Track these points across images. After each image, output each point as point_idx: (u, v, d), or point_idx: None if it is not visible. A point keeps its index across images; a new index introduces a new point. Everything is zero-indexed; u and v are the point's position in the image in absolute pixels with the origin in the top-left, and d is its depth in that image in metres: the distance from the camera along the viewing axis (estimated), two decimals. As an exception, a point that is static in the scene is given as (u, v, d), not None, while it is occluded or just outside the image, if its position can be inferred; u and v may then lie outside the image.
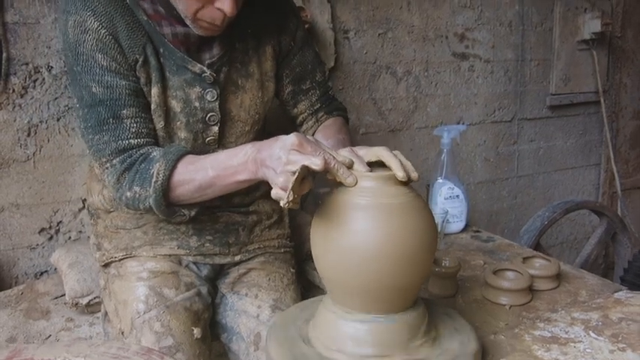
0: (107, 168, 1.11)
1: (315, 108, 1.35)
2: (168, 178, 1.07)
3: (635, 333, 1.10)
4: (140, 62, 1.11)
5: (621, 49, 2.67)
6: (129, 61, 1.11)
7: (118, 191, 1.12)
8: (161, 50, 1.13)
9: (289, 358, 0.92)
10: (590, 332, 1.11)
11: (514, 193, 2.52)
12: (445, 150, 1.75)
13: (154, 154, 1.10)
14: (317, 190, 1.91)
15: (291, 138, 0.92)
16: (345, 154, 0.95)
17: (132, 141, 1.11)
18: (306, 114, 1.36)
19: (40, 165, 1.61)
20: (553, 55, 2.47)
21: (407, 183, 0.93)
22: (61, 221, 1.66)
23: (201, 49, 1.16)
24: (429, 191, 1.81)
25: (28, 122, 1.57)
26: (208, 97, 1.18)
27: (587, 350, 1.05)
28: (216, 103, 1.19)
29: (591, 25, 2.45)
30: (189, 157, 1.09)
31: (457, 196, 1.75)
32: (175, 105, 1.16)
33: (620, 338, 1.09)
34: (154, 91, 1.14)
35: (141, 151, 1.11)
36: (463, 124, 2.29)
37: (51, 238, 1.66)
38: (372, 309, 0.92)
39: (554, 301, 1.26)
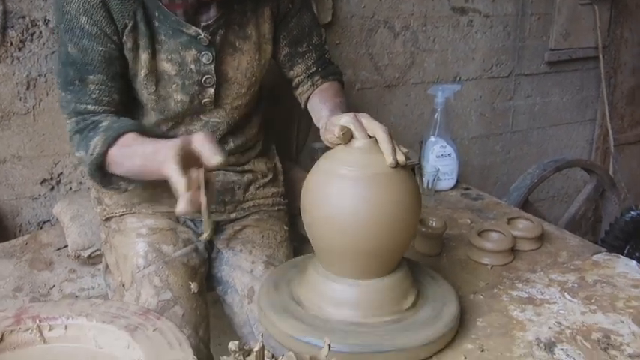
0: (67, 123, 1.18)
1: (311, 71, 1.37)
2: (103, 154, 1.10)
3: (607, 295, 1.16)
4: (129, 27, 1.13)
5: (624, 3, 2.63)
6: (116, 26, 1.13)
7: (72, 147, 1.19)
8: (156, 14, 1.15)
9: (281, 317, 0.98)
10: (565, 294, 1.17)
11: (507, 148, 2.55)
12: (439, 109, 1.78)
13: (103, 124, 1.13)
14: (312, 144, 1.95)
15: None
16: (347, 119, 0.98)
17: (89, 106, 1.15)
18: (301, 77, 1.37)
19: (40, 118, 1.63)
20: (554, 9, 2.44)
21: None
22: (61, 173, 1.70)
23: (199, 12, 1.18)
24: (421, 148, 1.84)
25: (27, 76, 1.58)
26: (204, 60, 1.19)
27: (560, 311, 1.11)
28: (212, 66, 1.21)
29: (596, -22, 2.42)
30: (128, 138, 1.09)
31: (449, 154, 1.78)
32: (170, 68, 1.18)
33: (592, 300, 1.15)
34: (144, 57, 1.16)
35: (94, 118, 1.15)
36: (459, 80, 2.29)
37: (52, 188, 1.71)
38: (357, 273, 0.97)
39: (534, 262, 1.31)
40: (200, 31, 1.17)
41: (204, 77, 1.21)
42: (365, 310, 0.96)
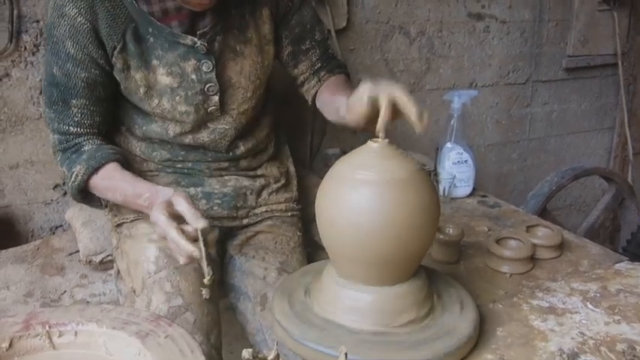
0: (50, 136, 1.24)
1: (316, 67, 1.36)
2: (85, 181, 1.19)
3: (632, 305, 1.12)
4: (118, 49, 1.14)
5: (643, 9, 2.60)
6: (105, 49, 1.14)
7: (55, 159, 1.26)
8: (149, 29, 1.14)
9: (294, 324, 0.95)
10: (588, 303, 1.13)
11: (524, 155, 2.51)
12: (455, 115, 1.74)
13: (85, 148, 1.20)
14: (326, 150, 1.93)
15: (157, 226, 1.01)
16: (367, 84, 0.98)
17: (71, 128, 1.20)
18: (307, 74, 1.36)
19: (53, 123, 1.63)
20: (572, 15, 2.40)
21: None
22: (74, 178, 1.69)
23: (195, 20, 1.16)
24: (437, 154, 1.81)
25: (41, 80, 1.57)
26: (204, 68, 1.18)
27: (583, 321, 1.07)
28: (213, 74, 1.19)
29: (615, -16, 2.38)
30: (109, 169, 1.18)
31: (465, 161, 1.75)
32: (172, 81, 1.18)
33: (616, 310, 1.11)
34: (138, 76, 1.17)
35: (76, 140, 1.21)
36: (476, 86, 2.26)
37: (65, 193, 1.69)
38: (373, 280, 0.94)
39: (554, 271, 1.28)
40: (196, 39, 1.15)
41: (207, 86, 1.20)
42: (381, 319, 0.93)
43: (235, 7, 1.20)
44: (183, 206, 1.00)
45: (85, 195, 1.23)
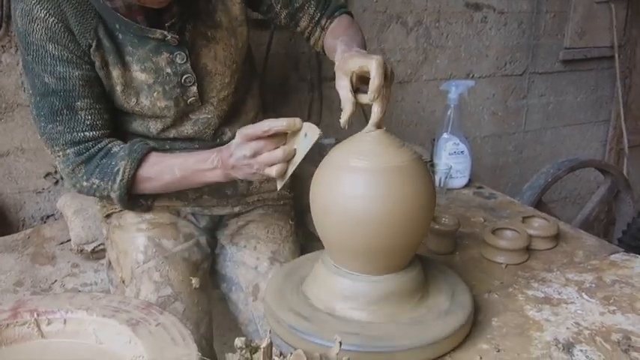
0: (59, 156, 1.14)
1: (317, 18, 1.31)
2: (134, 176, 1.12)
3: (627, 296, 1.12)
4: (94, 46, 1.09)
5: (640, 1, 2.59)
6: (82, 47, 1.09)
7: (71, 179, 1.16)
8: (117, 26, 1.10)
9: (288, 314, 0.94)
10: (583, 294, 1.13)
11: (520, 147, 2.50)
12: (452, 105, 1.73)
13: (115, 149, 1.14)
14: (321, 141, 1.91)
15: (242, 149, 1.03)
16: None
17: (87, 133, 1.12)
18: (310, 28, 1.32)
19: (45, 110, 1.61)
20: (570, 7, 2.40)
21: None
22: (66, 166, 1.67)
23: (161, 12, 1.11)
24: (434, 145, 1.80)
25: (32, 67, 1.56)
26: (178, 60, 1.14)
27: (578, 312, 1.06)
28: (188, 64, 1.16)
29: (612, -24, 2.38)
30: (154, 157, 1.14)
31: (462, 152, 1.74)
32: (147, 78, 1.14)
33: (611, 301, 1.10)
34: (115, 73, 1.12)
35: (99, 146, 1.13)
36: (473, 77, 2.25)
37: (57, 182, 1.68)
38: (368, 269, 0.93)
39: (550, 261, 1.27)
40: (166, 32, 1.11)
41: (184, 77, 1.16)
42: (376, 307, 0.92)
43: None
44: (267, 122, 1.00)
45: (129, 195, 1.16)
